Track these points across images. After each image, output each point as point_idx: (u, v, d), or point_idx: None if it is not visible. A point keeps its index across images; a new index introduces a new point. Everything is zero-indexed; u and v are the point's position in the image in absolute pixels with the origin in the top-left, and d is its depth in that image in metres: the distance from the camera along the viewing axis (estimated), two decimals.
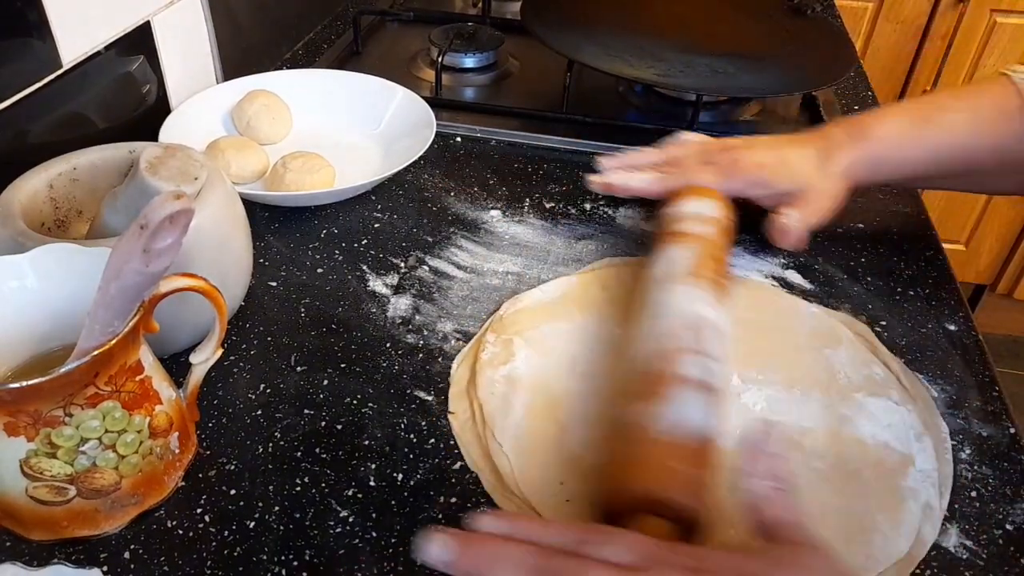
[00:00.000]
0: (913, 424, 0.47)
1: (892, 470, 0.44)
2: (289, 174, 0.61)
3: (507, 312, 0.53)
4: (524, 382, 0.48)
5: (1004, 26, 1.46)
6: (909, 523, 0.41)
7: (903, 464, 0.44)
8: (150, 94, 0.66)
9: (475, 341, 0.51)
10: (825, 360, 0.50)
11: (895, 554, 0.40)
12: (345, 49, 0.89)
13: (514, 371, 0.48)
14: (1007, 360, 1.78)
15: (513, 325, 0.51)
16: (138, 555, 0.38)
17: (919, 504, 0.42)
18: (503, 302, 0.54)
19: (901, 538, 0.40)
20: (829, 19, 0.97)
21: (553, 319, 0.52)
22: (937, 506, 0.42)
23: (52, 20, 0.53)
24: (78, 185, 0.48)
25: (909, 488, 0.43)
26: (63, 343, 0.40)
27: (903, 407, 0.48)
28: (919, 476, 0.44)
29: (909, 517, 0.41)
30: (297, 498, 0.41)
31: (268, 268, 0.57)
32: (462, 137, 0.74)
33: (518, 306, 0.53)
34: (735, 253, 0.60)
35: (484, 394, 0.47)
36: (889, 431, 0.46)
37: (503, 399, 0.46)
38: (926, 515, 0.42)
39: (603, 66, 0.72)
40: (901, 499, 0.42)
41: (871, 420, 0.47)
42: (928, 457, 0.45)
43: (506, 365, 0.48)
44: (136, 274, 0.33)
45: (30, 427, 0.34)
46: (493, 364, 0.48)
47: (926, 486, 0.43)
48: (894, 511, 0.42)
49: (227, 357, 0.49)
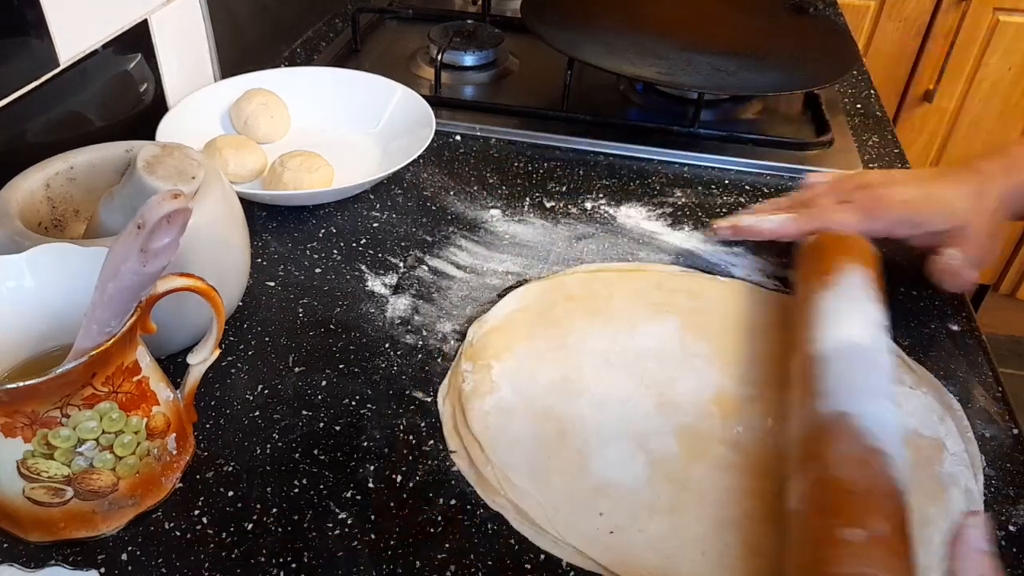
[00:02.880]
0: (933, 407, 0.47)
1: (928, 458, 0.44)
2: (287, 173, 0.61)
3: (476, 337, 0.50)
4: (520, 411, 0.45)
5: (1007, 25, 1.46)
6: (957, 511, 0.41)
7: (936, 450, 0.44)
8: (148, 93, 0.65)
9: (451, 372, 0.48)
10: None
11: None
12: (344, 47, 0.88)
13: (503, 401, 0.46)
14: (1010, 360, 1.78)
15: (485, 350, 0.49)
16: (136, 557, 0.38)
17: (960, 489, 0.42)
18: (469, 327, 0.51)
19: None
20: (831, 17, 0.96)
21: (526, 338, 0.50)
22: (975, 488, 0.42)
23: (49, 18, 0.53)
24: (75, 184, 0.48)
25: (948, 474, 0.43)
26: (60, 343, 0.40)
27: (918, 391, 0.47)
28: (953, 460, 0.44)
29: (955, 505, 0.41)
30: (295, 500, 0.41)
31: (266, 268, 0.56)
32: (461, 136, 0.74)
33: (484, 328, 0.51)
34: (737, 253, 0.60)
35: (479, 428, 0.44)
36: (914, 418, 0.46)
37: (503, 432, 0.44)
38: (968, 500, 0.42)
39: (604, 64, 0.72)
40: (944, 487, 0.42)
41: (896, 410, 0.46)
42: (955, 439, 0.45)
43: (492, 395, 0.46)
44: (133, 274, 0.33)
45: (27, 428, 0.34)
46: (478, 395, 0.46)
47: (961, 469, 0.43)
48: (940, 501, 0.42)
49: (225, 358, 0.49)
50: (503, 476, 0.42)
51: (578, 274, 0.56)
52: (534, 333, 0.51)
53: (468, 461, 0.43)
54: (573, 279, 0.56)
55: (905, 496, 0.37)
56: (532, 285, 0.55)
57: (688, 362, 0.49)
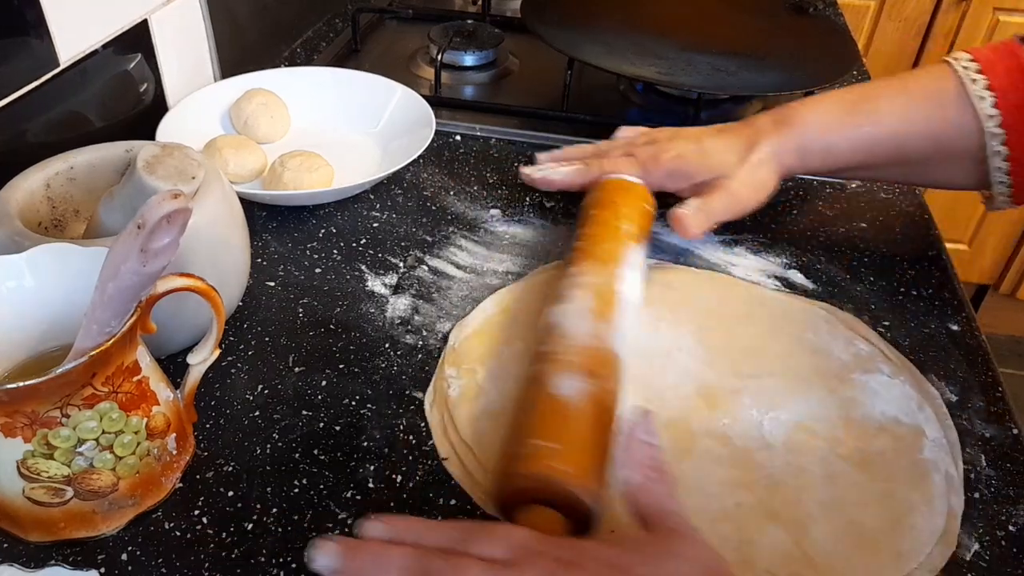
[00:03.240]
0: (911, 394, 0.47)
1: (909, 445, 0.44)
2: (287, 173, 0.61)
3: (458, 341, 0.50)
4: (509, 415, 0.44)
5: (1007, 24, 1.46)
6: (939, 497, 0.42)
7: (916, 436, 0.45)
8: (148, 93, 0.65)
9: (435, 377, 0.48)
10: (809, 344, 0.50)
11: (935, 531, 0.40)
12: (344, 47, 0.88)
13: (491, 405, 0.45)
14: (1010, 361, 1.78)
15: (469, 354, 0.49)
16: (136, 557, 0.38)
17: (941, 475, 0.43)
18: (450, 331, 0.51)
19: (936, 514, 0.41)
20: (831, 17, 0.96)
21: (506, 342, 0.50)
22: (955, 473, 0.43)
23: (49, 18, 0.53)
24: (75, 184, 0.48)
25: (929, 460, 0.43)
26: (60, 343, 0.40)
27: (896, 379, 0.48)
28: (932, 446, 0.44)
29: (937, 491, 0.42)
30: (295, 500, 0.41)
31: (266, 268, 0.56)
32: (461, 136, 0.74)
33: (467, 332, 0.50)
34: (737, 253, 0.59)
35: (469, 433, 0.44)
36: (894, 406, 0.46)
37: (495, 437, 0.43)
38: (949, 485, 0.42)
39: (604, 64, 0.72)
40: (925, 473, 0.43)
41: (875, 398, 0.47)
42: (934, 425, 0.45)
43: (479, 400, 0.46)
44: (133, 274, 0.33)
45: (27, 428, 0.34)
46: (466, 400, 0.46)
47: (941, 455, 0.44)
48: (923, 487, 0.42)
49: (225, 358, 0.49)
50: None
51: (548, 271, 0.56)
52: (515, 335, 0.50)
53: (461, 467, 0.43)
54: (546, 277, 0.55)
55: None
56: (511, 287, 0.55)
57: (670, 355, 0.50)
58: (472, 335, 0.50)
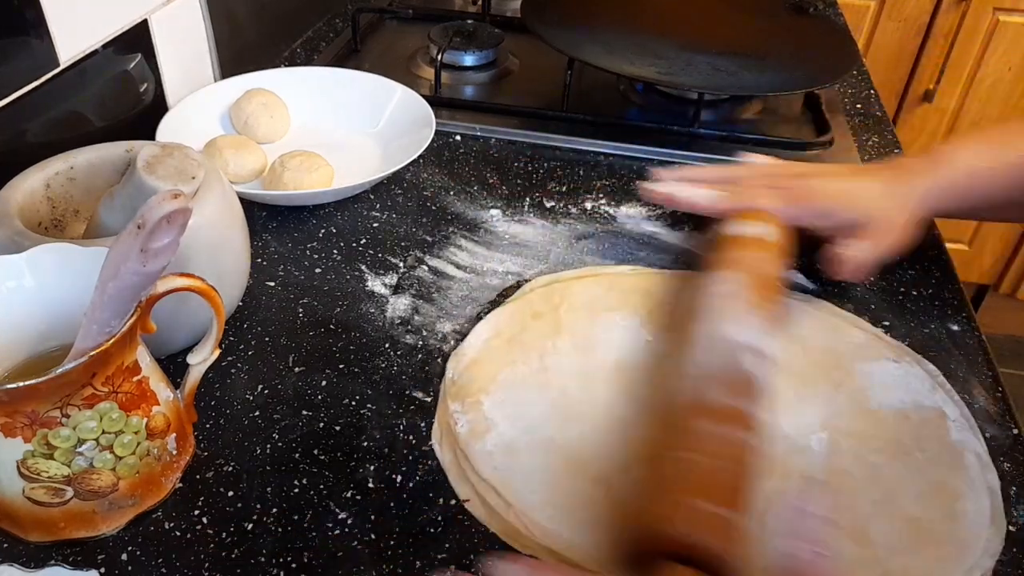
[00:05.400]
0: (922, 376, 0.47)
1: (936, 428, 0.44)
2: (287, 173, 0.61)
3: (456, 372, 0.48)
4: (522, 446, 0.43)
5: (1007, 25, 1.46)
6: (977, 478, 0.41)
7: (940, 418, 0.44)
8: (148, 93, 0.65)
9: (439, 413, 0.46)
10: (801, 338, 0.49)
11: (984, 512, 0.40)
12: (344, 47, 0.88)
13: (503, 438, 0.44)
14: (1010, 360, 1.78)
15: (470, 385, 0.47)
16: (136, 557, 0.38)
17: (973, 454, 0.43)
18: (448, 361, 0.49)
19: (980, 495, 0.41)
20: (831, 17, 0.96)
21: (507, 366, 0.48)
22: (982, 451, 0.43)
23: (49, 18, 0.53)
24: (75, 184, 0.48)
25: (958, 441, 0.43)
26: (60, 343, 0.40)
27: (902, 363, 0.48)
28: (957, 426, 0.44)
29: (973, 471, 0.42)
30: (295, 500, 0.41)
31: (266, 268, 0.56)
32: (461, 136, 0.74)
33: (464, 361, 0.48)
34: None
35: (487, 471, 0.42)
36: (910, 391, 0.46)
37: (513, 472, 0.42)
38: (982, 463, 0.42)
39: (604, 64, 0.72)
40: (959, 454, 0.43)
41: (887, 386, 0.46)
42: (951, 405, 0.45)
43: (490, 434, 0.44)
44: (133, 274, 0.33)
45: (27, 428, 0.34)
46: (476, 435, 0.44)
47: (966, 435, 0.44)
48: (960, 470, 0.42)
49: (225, 358, 0.49)
50: (530, 521, 0.40)
51: (536, 290, 0.54)
52: (513, 359, 0.49)
53: (486, 507, 0.41)
54: (534, 296, 0.54)
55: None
56: (500, 310, 0.53)
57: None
58: (470, 363, 0.48)
